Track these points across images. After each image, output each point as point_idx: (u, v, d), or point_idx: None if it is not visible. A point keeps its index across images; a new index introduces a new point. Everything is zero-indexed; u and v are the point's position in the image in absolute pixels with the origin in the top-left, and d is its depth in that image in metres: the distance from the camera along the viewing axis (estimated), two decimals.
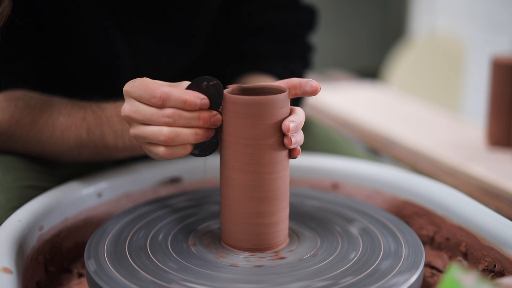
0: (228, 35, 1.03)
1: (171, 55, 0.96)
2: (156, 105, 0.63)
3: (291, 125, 0.64)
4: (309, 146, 1.03)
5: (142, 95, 0.64)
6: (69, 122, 0.78)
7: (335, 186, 0.89)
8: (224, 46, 1.04)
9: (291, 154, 0.67)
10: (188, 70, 1.01)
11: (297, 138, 0.65)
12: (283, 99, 0.64)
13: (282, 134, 0.65)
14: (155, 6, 0.91)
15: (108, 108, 0.79)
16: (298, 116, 0.66)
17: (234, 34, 1.03)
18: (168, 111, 0.63)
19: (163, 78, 0.95)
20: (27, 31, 0.81)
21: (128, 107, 0.65)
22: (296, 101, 1.00)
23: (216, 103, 0.65)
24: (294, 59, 1.03)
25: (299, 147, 0.67)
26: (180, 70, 1.00)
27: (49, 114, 0.79)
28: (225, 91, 0.65)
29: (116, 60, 0.89)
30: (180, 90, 0.63)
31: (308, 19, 1.04)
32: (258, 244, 0.67)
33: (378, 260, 0.65)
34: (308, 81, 0.66)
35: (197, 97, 0.63)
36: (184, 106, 0.63)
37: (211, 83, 0.64)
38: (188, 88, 0.64)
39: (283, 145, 0.65)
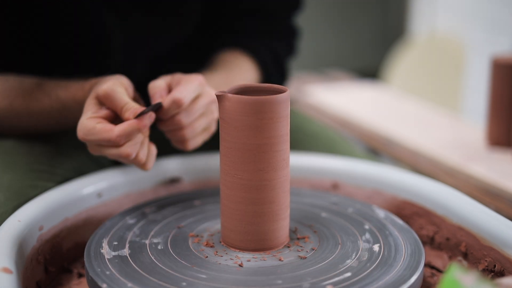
0: (216, 18, 1.03)
1: (160, 32, 0.96)
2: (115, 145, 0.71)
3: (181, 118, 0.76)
4: (309, 146, 1.03)
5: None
6: (41, 106, 0.82)
7: (335, 186, 0.89)
8: (209, 28, 1.04)
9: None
10: (177, 49, 1.01)
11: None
12: (285, 98, 0.64)
13: (283, 134, 0.65)
14: None
15: (67, 100, 0.81)
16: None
17: (221, 16, 1.03)
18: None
19: (152, 56, 0.96)
20: (10, 11, 0.83)
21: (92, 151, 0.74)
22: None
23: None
24: (278, 39, 1.03)
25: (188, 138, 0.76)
26: (168, 49, 0.99)
27: (22, 97, 0.82)
28: (225, 91, 0.65)
29: (106, 35, 0.90)
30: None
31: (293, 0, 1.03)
32: (259, 244, 0.67)
33: (378, 259, 0.65)
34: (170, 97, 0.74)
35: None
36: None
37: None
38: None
39: (283, 145, 0.65)
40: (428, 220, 0.79)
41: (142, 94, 0.81)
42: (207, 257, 0.66)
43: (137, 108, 0.71)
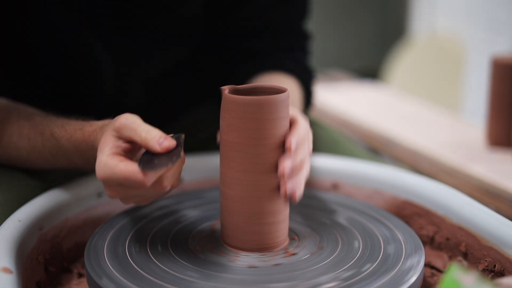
0: (225, 37, 1.02)
1: (151, 56, 0.94)
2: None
3: (286, 167, 0.62)
4: (312, 147, 1.03)
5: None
6: (31, 145, 0.76)
7: (335, 186, 0.89)
8: (221, 47, 1.03)
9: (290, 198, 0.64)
10: (174, 68, 1.00)
11: (296, 181, 0.63)
12: (284, 98, 0.64)
13: (283, 134, 0.65)
14: (129, 11, 0.88)
15: (62, 139, 0.74)
16: (299, 135, 0.64)
17: (231, 36, 1.02)
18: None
19: (147, 78, 0.94)
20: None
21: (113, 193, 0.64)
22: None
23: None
24: (295, 50, 1.03)
25: (298, 190, 0.64)
26: (163, 70, 0.98)
27: (9, 135, 0.77)
28: (225, 91, 0.65)
29: (96, 64, 0.88)
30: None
31: (302, 8, 1.03)
32: (259, 244, 0.67)
33: (381, 241, 0.69)
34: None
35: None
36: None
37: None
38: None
39: (283, 145, 0.65)
40: (428, 220, 0.79)
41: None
42: (205, 256, 0.66)
43: (161, 135, 0.62)
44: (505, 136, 1.22)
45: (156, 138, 0.62)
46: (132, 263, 0.64)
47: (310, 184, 0.90)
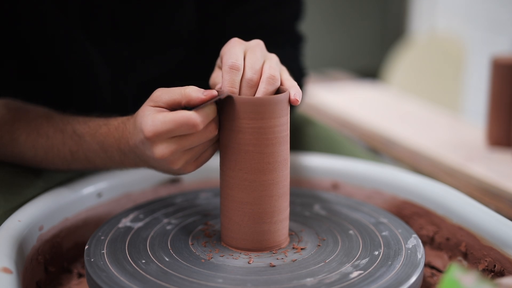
0: (218, 38, 1.02)
1: (147, 60, 0.93)
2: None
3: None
4: (310, 146, 1.03)
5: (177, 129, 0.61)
6: (49, 143, 0.76)
7: (335, 186, 0.89)
8: (214, 47, 1.03)
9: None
10: (172, 70, 1.00)
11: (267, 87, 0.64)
12: (285, 98, 0.64)
13: (283, 135, 0.65)
14: (125, 17, 0.88)
15: (86, 136, 0.73)
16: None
17: (223, 37, 1.02)
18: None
19: (144, 80, 0.94)
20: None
21: (167, 148, 0.63)
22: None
23: None
24: (286, 48, 1.03)
25: (296, 94, 0.65)
26: (161, 72, 0.98)
27: (27, 134, 0.77)
28: (225, 91, 0.65)
29: (92, 69, 0.87)
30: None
31: (295, 9, 1.03)
32: (259, 244, 0.67)
33: (379, 236, 0.70)
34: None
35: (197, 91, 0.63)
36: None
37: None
38: None
39: (283, 145, 0.65)
40: (428, 220, 0.79)
41: None
42: (205, 256, 0.66)
43: (198, 88, 0.63)
44: (505, 136, 1.22)
45: (196, 88, 0.62)
46: (132, 263, 0.64)
47: (310, 184, 0.90)
